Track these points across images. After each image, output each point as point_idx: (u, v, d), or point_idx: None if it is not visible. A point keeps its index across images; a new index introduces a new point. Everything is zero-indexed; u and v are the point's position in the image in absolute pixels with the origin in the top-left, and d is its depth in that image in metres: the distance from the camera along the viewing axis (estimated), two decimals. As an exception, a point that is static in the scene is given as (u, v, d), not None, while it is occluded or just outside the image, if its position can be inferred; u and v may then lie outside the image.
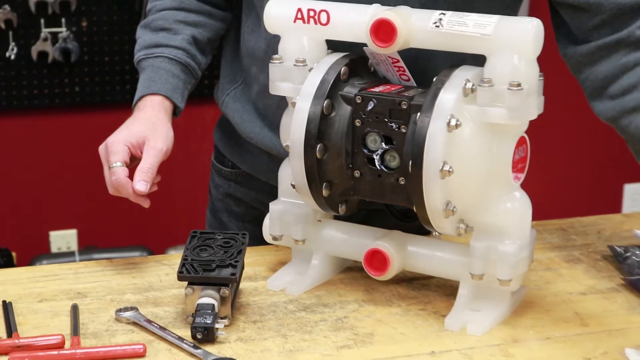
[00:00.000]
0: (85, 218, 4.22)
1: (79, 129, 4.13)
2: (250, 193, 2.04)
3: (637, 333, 1.53)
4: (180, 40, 1.92)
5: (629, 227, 1.93)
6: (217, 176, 2.12)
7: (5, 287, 1.67)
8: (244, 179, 2.04)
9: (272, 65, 1.64)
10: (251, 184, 2.02)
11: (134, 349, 1.45)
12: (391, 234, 1.63)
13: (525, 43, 1.45)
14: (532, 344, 1.50)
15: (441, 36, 1.50)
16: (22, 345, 1.45)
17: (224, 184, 2.09)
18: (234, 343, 1.49)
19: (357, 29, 1.55)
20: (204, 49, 1.96)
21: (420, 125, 1.46)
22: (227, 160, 2.08)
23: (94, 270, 1.75)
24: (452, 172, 1.45)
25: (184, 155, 4.02)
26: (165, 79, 1.87)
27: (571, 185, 4.55)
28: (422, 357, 1.46)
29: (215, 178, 2.13)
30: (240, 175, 2.05)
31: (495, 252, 1.52)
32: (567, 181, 4.53)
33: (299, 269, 1.70)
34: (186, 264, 1.56)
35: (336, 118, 1.56)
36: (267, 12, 1.64)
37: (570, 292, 1.67)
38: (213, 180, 2.15)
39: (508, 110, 1.45)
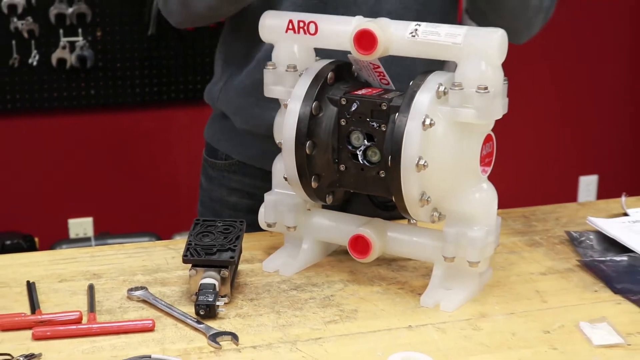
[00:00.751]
0: (100, 207, 4.21)
1: (94, 128, 4.12)
2: (244, 180, 2.01)
3: (590, 308, 1.53)
4: None
5: (584, 214, 1.93)
6: (210, 169, 2.09)
7: (29, 268, 1.67)
8: (238, 167, 2.02)
9: (266, 70, 1.63)
10: (245, 171, 2.01)
11: (144, 323, 1.45)
12: (373, 221, 1.63)
13: (492, 51, 1.45)
14: (497, 318, 1.50)
15: (417, 44, 1.50)
16: (44, 321, 1.45)
17: (218, 175, 2.06)
18: (233, 319, 1.49)
19: (342, 38, 1.55)
20: None
21: (399, 124, 1.46)
22: (220, 153, 2.05)
23: (107, 254, 1.75)
24: (427, 166, 1.45)
25: (187, 150, 4.02)
26: None
27: (532, 178, 4.55)
28: (401, 330, 1.46)
29: (209, 171, 2.10)
30: (234, 165, 2.02)
31: (465, 237, 1.52)
32: (529, 174, 4.53)
33: (290, 253, 1.70)
34: (190, 248, 1.56)
35: (323, 118, 1.56)
36: (262, 23, 1.64)
37: (531, 273, 1.67)
38: (206, 174, 2.12)
39: (476, 111, 1.45)
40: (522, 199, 2.23)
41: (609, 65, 4.57)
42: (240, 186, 2.03)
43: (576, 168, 4.71)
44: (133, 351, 1.38)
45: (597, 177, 4.74)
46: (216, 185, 2.07)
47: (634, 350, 1.39)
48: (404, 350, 1.37)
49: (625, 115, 4.66)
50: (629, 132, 4.70)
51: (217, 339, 1.41)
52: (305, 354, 1.38)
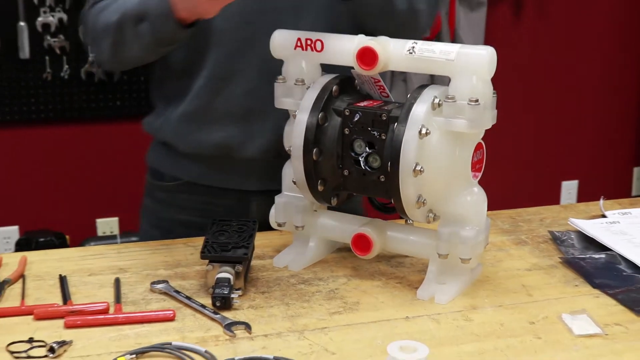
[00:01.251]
0: (125, 208, 4.21)
1: (120, 136, 4.13)
2: (193, 198, 1.94)
3: (571, 301, 1.53)
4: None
5: (565, 216, 1.92)
6: (158, 192, 2.00)
7: (61, 263, 1.67)
8: (186, 187, 1.95)
9: (277, 84, 1.63)
10: (193, 189, 1.94)
11: (165, 314, 1.45)
12: (373, 221, 1.63)
13: (482, 67, 1.45)
14: (487, 310, 1.50)
15: (413, 60, 1.50)
16: (74, 311, 1.45)
17: (166, 196, 1.98)
18: (246, 310, 1.49)
19: (345, 55, 1.55)
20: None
21: (397, 133, 1.46)
22: (166, 176, 1.97)
23: (132, 251, 1.75)
24: (423, 171, 1.45)
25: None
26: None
27: (519, 182, 4.55)
28: (399, 321, 1.46)
29: (157, 194, 2.01)
30: (182, 185, 1.95)
31: (457, 236, 1.52)
32: (515, 179, 4.53)
33: (298, 250, 1.70)
34: (207, 245, 1.56)
35: (329, 127, 1.56)
36: (272, 41, 1.63)
37: (518, 269, 1.67)
38: (153, 197, 2.03)
39: (468, 121, 1.45)
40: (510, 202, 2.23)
41: (587, 81, 4.57)
42: (191, 204, 1.96)
43: (559, 174, 4.70)
44: (155, 339, 1.38)
45: (578, 182, 4.74)
46: (165, 206, 2.00)
47: (611, 340, 1.39)
48: (401, 339, 1.36)
49: (603, 127, 4.66)
50: (606, 142, 4.70)
51: (231, 328, 1.41)
52: (312, 342, 1.38)
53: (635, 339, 1.40)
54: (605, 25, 4.50)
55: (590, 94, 4.59)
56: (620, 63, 4.61)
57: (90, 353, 1.34)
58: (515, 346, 1.37)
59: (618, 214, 1.91)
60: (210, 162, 1.89)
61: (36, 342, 1.36)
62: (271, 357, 1.31)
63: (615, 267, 1.66)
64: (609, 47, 4.56)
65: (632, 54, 4.62)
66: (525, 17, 4.37)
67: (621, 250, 1.71)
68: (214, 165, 1.89)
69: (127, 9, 1.70)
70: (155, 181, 2.01)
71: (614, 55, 4.58)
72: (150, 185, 2.04)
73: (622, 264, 1.67)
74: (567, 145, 4.62)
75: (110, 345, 1.36)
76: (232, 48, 1.80)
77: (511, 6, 4.33)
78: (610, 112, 4.66)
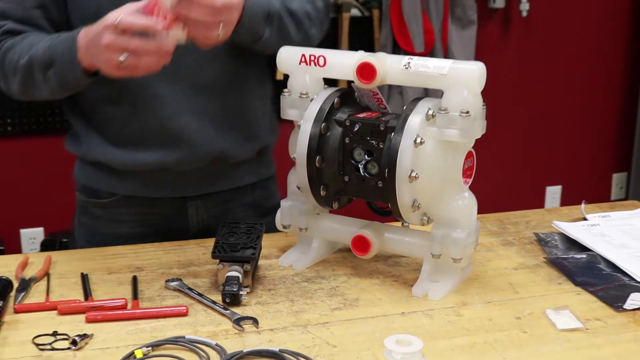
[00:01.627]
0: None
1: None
2: (132, 210, 1.86)
3: (555, 298, 1.53)
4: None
5: (550, 219, 1.93)
6: (95, 208, 1.89)
7: (83, 262, 1.68)
8: (123, 201, 1.86)
9: (282, 96, 1.63)
10: (131, 202, 1.86)
11: (179, 309, 1.46)
12: (372, 224, 1.63)
13: (473, 81, 1.45)
14: (476, 306, 1.50)
15: (409, 75, 1.51)
16: (95, 306, 1.46)
17: (104, 212, 1.88)
18: (254, 306, 1.49)
19: (346, 69, 1.55)
20: None
21: (394, 142, 1.46)
22: (102, 192, 1.87)
23: (148, 251, 1.75)
24: (418, 177, 1.45)
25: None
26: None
27: (507, 187, 4.55)
28: (395, 316, 1.46)
29: (94, 210, 1.90)
30: (119, 200, 1.86)
31: (449, 237, 1.52)
32: (503, 184, 4.53)
33: (302, 250, 1.70)
34: (218, 246, 1.56)
35: (331, 136, 1.56)
36: (279, 57, 1.63)
37: (505, 268, 1.67)
38: (90, 214, 1.91)
39: (459, 131, 1.46)
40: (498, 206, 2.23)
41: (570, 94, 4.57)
42: (129, 217, 1.87)
43: (543, 179, 4.70)
44: (170, 332, 1.39)
45: (561, 187, 4.73)
46: (104, 221, 1.89)
47: (592, 334, 1.39)
48: (398, 333, 1.36)
49: (584, 137, 4.66)
50: (588, 150, 4.70)
51: (240, 323, 1.41)
52: (315, 335, 1.38)
53: (614, 333, 1.40)
54: (587, 43, 4.50)
55: (572, 106, 4.59)
56: (601, 78, 4.61)
57: (109, 345, 1.35)
58: (502, 340, 1.37)
59: (598, 217, 1.91)
60: (147, 176, 1.82)
61: (60, 335, 1.36)
62: (277, 349, 1.32)
63: (595, 267, 1.66)
64: (590, 63, 4.56)
65: (612, 69, 4.63)
66: (512, 35, 4.37)
67: (601, 251, 1.71)
68: (150, 178, 1.82)
69: (36, 55, 1.65)
70: (90, 199, 1.90)
71: (595, 71, 4.59)
72: (83, 202, 1.93)
73: (602, 264, 1.67)
74: (551, 154, 4.62)
75: (128, 339, 1.37)
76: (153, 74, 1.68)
77: (499, 25, 4.34)
78: (591, 123, 4.66)
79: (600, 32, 4.53)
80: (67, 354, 1.32)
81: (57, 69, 1.63)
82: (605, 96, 4.66)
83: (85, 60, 1.59)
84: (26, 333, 1.38)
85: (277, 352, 1.31)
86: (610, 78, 4.64)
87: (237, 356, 1.30)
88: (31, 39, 1.69)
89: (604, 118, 4.69)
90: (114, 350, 1.33)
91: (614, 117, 4.72)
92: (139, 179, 1.83)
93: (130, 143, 1.78)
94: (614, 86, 4.66)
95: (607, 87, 4.64)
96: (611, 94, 4.67)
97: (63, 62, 1.62)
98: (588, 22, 4.48)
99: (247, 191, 1.93)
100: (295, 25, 1.79)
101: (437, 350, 1.34)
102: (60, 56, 1.62)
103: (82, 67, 1.60)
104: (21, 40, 1.70)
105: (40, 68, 1.65)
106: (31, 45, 1.67)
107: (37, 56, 1.65)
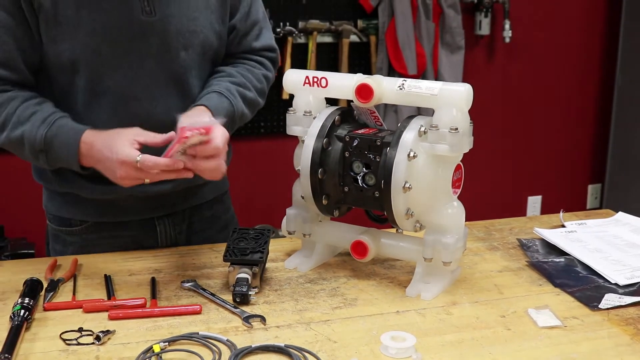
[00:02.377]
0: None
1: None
2: (103, 234, 1.79)
3: (536, 298, 1.52)
4: (50, 107, 1.61)
5: (531, 226, 1.92)
6: (67, 236, 1.80)
7: (106, 265, 1.67)
8: (94, 227, 1.79)
9: (288, 114, 1.63)
10: (101, 227, 1.79)
11: (193, 308, 1.45)
12: (369, 230, 1.63)
13: (461, 100, 1.45)
14: (465, 305, 1.49)
15: (403, 95, 1.50)
16: (117, 305, 1.45)
17: (77, 239, 1.79)
18: (262, 305, 1.49)
19: (346, 90, 1.56)
20: None
21: (390, 156, 1.46)
22: (73, 221, 1.78)
23: (166, 254, 1.74)
24: (411, 188, 1.45)
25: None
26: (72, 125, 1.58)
27: (491, 197, 4.54)
28: (391, 315, 1.45)
29: (67, 238, 1.80)
30: (91, 227, 1.78)
31: (440, 243, 1.52)
32: (489, 194, 4.52)
33: (305, 254, 1.69)
34: (229, 250, 1.56)
35: (332, 151, 1.56)
36: (285, 78, 1.63)
37: (491, 270, 1.67)
38: (63, 242, 1.81)
39: (449, 146, 1.46)
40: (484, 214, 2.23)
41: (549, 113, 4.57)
42: (102, 241, 1.79)
43: (525, 190, 4.69)
44: (185, 329, 1.38)
45: (541, 197, 4.73)
46: (77, 247, 1.79)
47: (570, 331, 1.39)
48: (393, 330, 1.36)
49: (562, 151, 4.66)
50: (566, 163, 4.70)
51: (249, 320, 1.40)
52: (317, 332, 1.38)
53: (590, 330, 1.39)
54: (563, 67, 4.51)
55: (551, 123, 4.59)
56: (577, 99, 4.62)
57: (130, 341, 1.34)
58: (488, 336, 1.37)
59: (575, 225, 1.91)
60: (118, 202, 1.76)
61: (85, 331, 1.36)
62: (282, 345, 1.31)
63: (573, 270, 1.65)
64: (566, 85, 4.57)
65: (586, 92, 4.63)
66: (496, 59, 4.38)
67: (578, 255, 1.70)
68: (121, 203, 1.76)
69: (30, 136, 1.56)
70: (62, 227, 1.81)
71: (570, 93, 4.59)
72: (55, 231, 1.83)
73: (579, 267, 1.66)
74: (532, 166, 4.62)
75: (147, 335, 1.36)
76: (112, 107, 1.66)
77: (485, 50, 4.34)
78: (569, 139, 4.66)
79: (576, 55, 4.54)
80: (92, 348, 1.31)
81: (51, 157, 1.58)
82: (581, 115, 4.67)
83: (87, 164, 1.55)
84: (54, 329, 1.37)
85: (283, 347, 1.30)
86: (585, 99, 4.65)
87: (246, 351, 1.29)
88: (21, 109, 1.58)
89: (580, 135, 4.70)
90: (134, 345, 1.32)
91: (589, 134, 4.72)
92: (111, 205, 1.76)
93: (102, 176, 1.58)
94: (589, 106, 4.67)
95: (582, 107, 4.66)
96: (586, 113, 4.68)
97: (59, 155, 1.56)
98: (563, 48, 4.49)
99: (207, 206, 1.90)
100: (252, 110, 1.79)
101: (429, 345, 1.33)
102: (57, 149, 1.56)
103: (79, 164, 1.56)
104: (7, 102, 1.59)
105: (32, 149, 1.57)
106: (21, 119, 1.57)
107: (30, 138, 1.56)
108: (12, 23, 1.57)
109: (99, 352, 1.30)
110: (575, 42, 4.54)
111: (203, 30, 1.69)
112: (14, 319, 1.36)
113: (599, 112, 4.71)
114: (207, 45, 1.72)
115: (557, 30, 4.47)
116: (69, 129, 1.57)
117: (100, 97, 1.64)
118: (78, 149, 1.55)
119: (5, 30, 1.58)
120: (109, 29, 1.59)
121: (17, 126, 1.58)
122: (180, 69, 1.68)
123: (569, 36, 4.51)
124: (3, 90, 1.61)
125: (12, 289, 1.54)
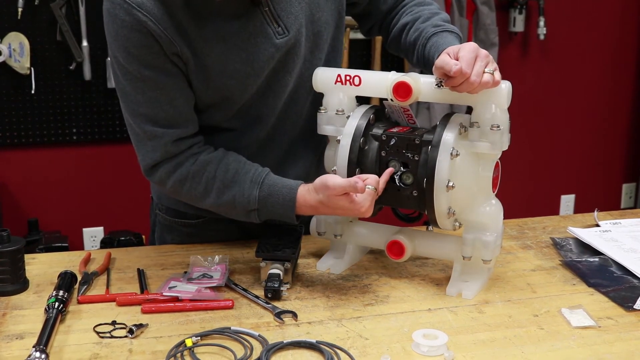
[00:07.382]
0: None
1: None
2: (220, 227, 1.79)
3: (569, 298, 1.51)
4: (247, 163, 1.61)
5: (565, 225, 1.91)
6: (183, 228, 1.81)
7: (139, 259, 1.69)
8: (212, 223, 1.78)
9: (319, 114, 1.62)
10: (218, 223, 1.78)
11: (225, 303, 1.46)
12: (403, 229, 1.62)
13: (501, 98, 1.45)
14: (497, 304, 1.49)
15: (441, 93, 1.50)
16: (150, 299, 1.47)
17: (193, 231, 1.81)
18: (293, 300, 1.49)
19: (381, 88, 1.55)
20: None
21: (432, 155, 1.46)
22: (190, 215, 1.79)
23: (198, 249, 1.75)
24: (454, 187, 1.45)
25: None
26: (284, 186, 1.57)
27: (526, 196, 4.51)
28: (422, 312, 1.45)
29: (182, 230, 1.82)
30: (207, 222, 1.79)
31: (480, 241, 1.52)
32: (523, 193, 4.50)
33: (336, 255, 1.68)
34: (261, 246, 1.57)
35: (369, 150, 1.55)
36: (315, 76, 1.62)
37: (524, 269, 1.66)
38: (178, 232, 1.82)
39: (490, 144, 1.46)
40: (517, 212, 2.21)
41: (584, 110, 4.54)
42: (217, 235, 1.80)
43: (559, 189, 4.66)
44: (217, 324, 1.39)
45: (575, 196, 4.69)
46: (192, 238, 1.81)
47: (603, 331, 1.38)
48: (425, 328, 1.36)
49: (597, 149, 4.62)
50: (600, 162, 4.66)
51: (281, 316, 1.41)
52: (349, 329, 1.38)
53: (624, 331, 1.38)
54: (598, 64, 4.47)
55: (586, 122, 4.56)
56: (612, 98, 4.57)
57: (162, 335, 1.35)
58: (521, 335, 1.36)
59: (610, 224, 1.89)
60: None
61: (118, 324, 1.37)
62: (314, 341, 1.32)
63: (607, 269, 1.64)
64: (601, 84, 4.52)
65: (622, 90, 4.58)
66: (530, 56, 4.35)
67: (612, 255, 1.69)
68: None
69: (240, 200, 1.58)
70: (177, 219, 1.82)
71: (605, 91, 4.55)
72: (168, 222, 1.84)
73: (613, 267, 1.65)
74: (566, 165, 4.59)
75: (179, 329, 1.37)
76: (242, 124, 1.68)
77: (519, 47, 4.31)
78: (603, 138, 4.62)
79: (611, 53, 4.50)
80: (125, 341, 1.33)
81: (262, 214, 1.58)
82: (615, 113, 4.62)
83: (302, 213, 1.56)
84: (88, 322, 1.39)
85: (315, 343, 1.31)
86: (619, 97, 4.61)
87: (277, 346, 1.30)
88: (221, 173, 1.59)
89: (614, 133, 4.65)
90: (167, 339, 1.34)
91: (623, 132, 4.68)
92: None
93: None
94: (623, 104, 4.63)
95: (616, 105, 4.61)
96: (621, 111, 4.63)
97: (273, 212, 1.57)
98: (598, 45, 4.45)
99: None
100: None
101: (461, 344, 1.33)
102: (271, 208, 1.56)
103: (294, 215, 1.56)
104: (204, 167, 1.59)
105: (244, 209, 1.58)
106: (225, 183, 1.59)
107: (242, 201, 1.57)
108: (172, 81, 1.56)
109: (131, 345, 1.32)
110: (610, 40, 4.50)
111: (327, 27, 1.68)
112: (49, 311, 1.38)
113: (633, 110, 4.67)
114: (330, 39, 1.71)
115: (591, 27, 4.43)
116: (282, 187, 1.57)
117: (255, 124, 1.67)
118: (294, 204, 1.55)
119: (174, 87, 1.56)
120: (251, 62, 1.57)
121: (224, 191, 1.58)
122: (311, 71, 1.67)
123: (603, 33, 4.47)
124: (191, 154, 1.60)
125: (47, 282, 1.56)
